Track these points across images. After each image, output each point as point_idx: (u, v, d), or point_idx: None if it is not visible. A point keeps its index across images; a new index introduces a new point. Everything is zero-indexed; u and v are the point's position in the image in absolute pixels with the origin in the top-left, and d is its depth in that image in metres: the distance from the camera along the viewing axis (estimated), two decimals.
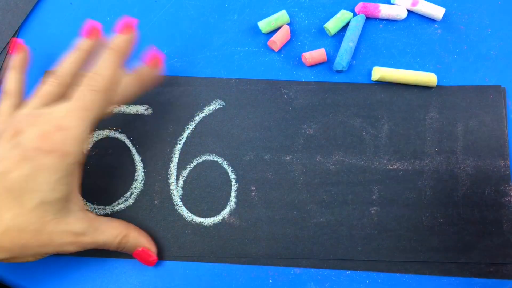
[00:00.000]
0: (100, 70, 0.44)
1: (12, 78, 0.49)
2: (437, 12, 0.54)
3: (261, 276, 0.48)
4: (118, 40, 0.46)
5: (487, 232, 0.48)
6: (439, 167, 0.50)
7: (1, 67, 0.55)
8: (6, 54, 0.55)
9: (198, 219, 0.50)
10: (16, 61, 0.49)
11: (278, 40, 0.54)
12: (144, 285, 0.48)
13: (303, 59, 0.54)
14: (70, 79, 0.46)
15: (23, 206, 0.39)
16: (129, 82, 0.48)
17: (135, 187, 0.50)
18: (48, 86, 0.45)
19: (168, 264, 0.49)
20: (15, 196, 0.39)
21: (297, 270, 0.48)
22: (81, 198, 0.45)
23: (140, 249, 0.47)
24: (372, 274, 0.48)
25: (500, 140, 0.50)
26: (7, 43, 0.56)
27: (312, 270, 0.48)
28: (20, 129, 0.41)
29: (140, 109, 0.52)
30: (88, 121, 0.42)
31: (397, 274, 0.48)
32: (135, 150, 0.51)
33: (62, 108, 0.42)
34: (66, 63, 0.47)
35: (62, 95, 0.46)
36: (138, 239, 0.47)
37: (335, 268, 0.48)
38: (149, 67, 0.49)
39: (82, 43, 0.48)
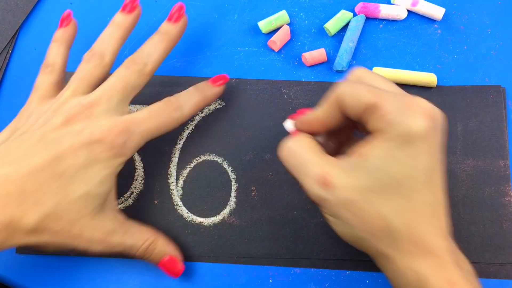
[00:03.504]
0: (150, 53, 0.45)
1: (55, 52, 0.48)
2: (437, 12, 0.54)
3: (261, 276, 0.48)
4: (168, 26, 0.47)
5: (487, 232, 0.48)
6: None
7: (1, 67, 0.55)
8: (7, 53, 0.55)
9: (198, 219, 0.50)
10: (60, 34, 0.49)
11: (278, 40, 0.54)
12: (144, 285, 0.48)
13: (303, 59, 0.54)
14: (109, 59, 0.46)
15: (68, 194, 0.39)
16: (191, 94, 0.47)
17: (134, 187, 0.50)
18: (89, 67, 0.45)
19: None
20: (64, 183, 0.39)
21: (297, 270, 0.48)
22: (116, 199, 0.45)
23: (166, 258, 0.45)
24: (372, 274, 0.48)
25: (500, 140, 0.50)
26: (7, 43, 0.56)
27: (312, 270, 0.48)
28: (72, 118, 0.41)
29: (140, 109, 0.52)
30: (150, 132, 0.43)
31: None
32: None
33: (139, 114, 0.43)
34: (105, 40, 0.46)
35: (103, 78, 0.46)
36: (165, 247, 0.45)
37: (335, 268, 0.48)
38: (212, 85, 0.49)
39: (121, 19, 0.48)
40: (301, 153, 0.38)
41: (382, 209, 0.35)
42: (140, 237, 0.44)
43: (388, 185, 0.35)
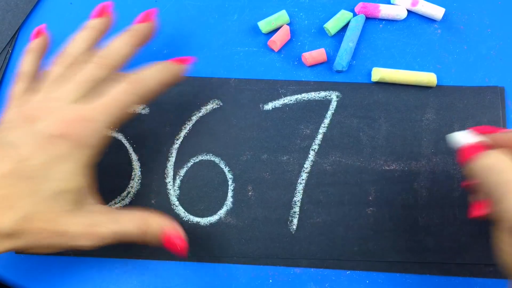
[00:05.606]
0: (113, 47, 0.45)
1: (28, 61, 0.47)
2: (437, 12, 0.54)
3: (261, 276, 0.48)
4: (136, 25, 0.47)
5: (482, 233, 0.48)
6: (436, 168, 0.50)
7: (1, 67, 0.55)
8: (7, 53, 0.56)
9: (195, 219, 0.50)
10: (33, 44, 0.49)
11: (278, 40, 0.54)
12: (144, 285, 0.48)
13: (303, 59, 0.54)
14: (80, 59, 0.45)
15: (40, 194, 0.39)
16: (152, 74, 0.45)
17: (131, 186, 0.51)
18: (58, 68, 0.45)
19: (167, 264, 0.49)
20: (35, 183, 0.38)
21: (297, 270, 0.48)
22: (96, 192, 0.44)
23: (165, 236, 0.42)
24: (372, 274, 0.48)
25: None
26: (7, 43, 0.56)
27: (312, 270, 0.48)
28: (35, 116, 0.41)
29: (137, 108, 0.53)
30: (114, 117, 0.42)
31: (397, 274, 0.48)
32: (132, 149, 0.51)
33: (100, 100, 0.42)
34: (76, 42, 0.47)
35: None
36: (160, 221, 0.43)
37: (334, 268, 0.48)
38: (174, 63, 0.47)
39: (92, 22, 0.48)
40: (507, 171, 0.36)
41: None
42: (130, 222, 0.42)
43: None
